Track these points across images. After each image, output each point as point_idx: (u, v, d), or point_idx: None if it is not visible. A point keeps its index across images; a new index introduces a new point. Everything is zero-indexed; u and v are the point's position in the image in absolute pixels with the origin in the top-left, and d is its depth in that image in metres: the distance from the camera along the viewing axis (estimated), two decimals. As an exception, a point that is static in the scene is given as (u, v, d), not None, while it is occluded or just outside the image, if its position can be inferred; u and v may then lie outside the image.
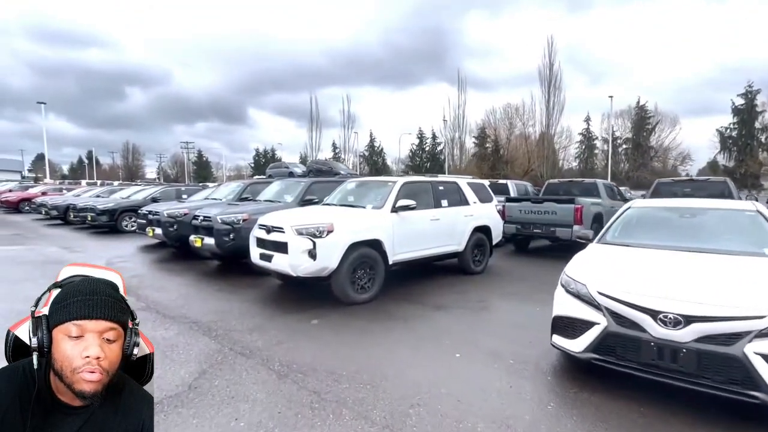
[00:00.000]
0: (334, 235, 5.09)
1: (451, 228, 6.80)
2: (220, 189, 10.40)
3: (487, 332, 4.38)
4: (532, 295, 5.98)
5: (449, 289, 6.27)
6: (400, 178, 6.36)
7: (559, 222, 8.80)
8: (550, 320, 3.56)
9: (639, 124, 34.06)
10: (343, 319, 4.80)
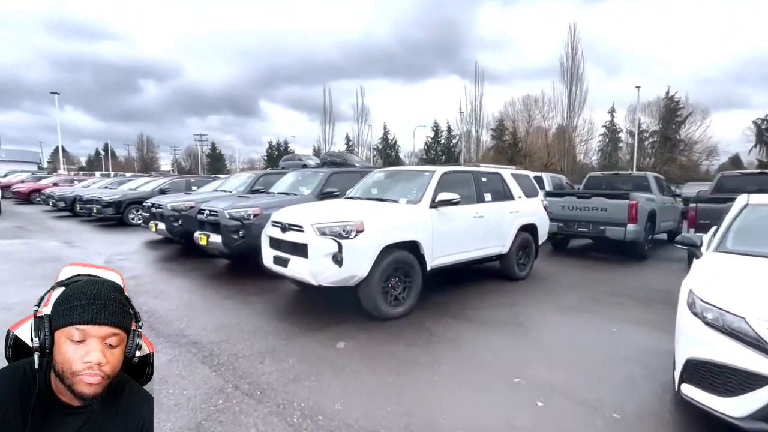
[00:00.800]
0: (364, 236, 4.16)
1: (495, 226, 5.82)
2: (230, 180, 9.56)
3: (565, 364, 3.42)
4: (593, 307, 4.98)
5: (494, 299, 5.31)
6: (438, 167, 5.39)
7: (610, 220, 7.74)
8: (674, 360, 2.60)
9: (668, 117, 32.26)
10: (374, 340, 3.89)
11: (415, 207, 4.81)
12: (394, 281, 4.48)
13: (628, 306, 5.08)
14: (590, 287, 5.93)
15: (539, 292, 5.63)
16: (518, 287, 5.90)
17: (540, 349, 3.75)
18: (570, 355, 3.62)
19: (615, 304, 5.16)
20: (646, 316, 4.71)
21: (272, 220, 4.81)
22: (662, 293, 5.60)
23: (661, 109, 33.12)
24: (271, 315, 4.57)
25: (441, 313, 4.71)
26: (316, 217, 4.33)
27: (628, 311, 4.87)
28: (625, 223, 7.56)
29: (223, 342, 3.78)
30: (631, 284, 6.14)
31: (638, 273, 6.95)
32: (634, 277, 6.64)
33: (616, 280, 6.36)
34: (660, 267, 7.50)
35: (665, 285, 6.07)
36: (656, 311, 4.85)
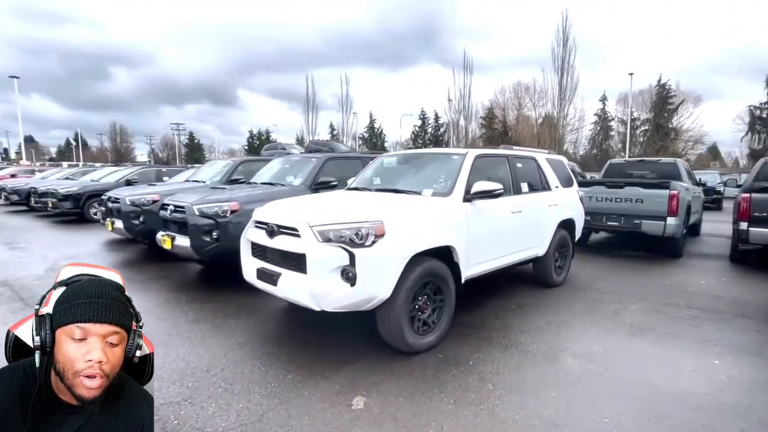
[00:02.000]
0: (385, 242, 2.98)
1: (534, 224, 4.71)
2: (204, 169, 8.20)
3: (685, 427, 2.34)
4: (666, 326, 3.94)
5: (539, 315, 4.22)
6: (468, 149, 4.23)
7: (647, 212, 6.73)
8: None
9: (660, 104, 31.74)
10: (405, 390, 2.74)
11: (445, 201, 3.65)
12: (422, 301, 3.33)
13: (704, 322, 4.05)
14: (644, 296, 4.90)
15: (587, 305, 4.57)
16: (559, 298, 4.83)
17: (651, 407, 2.66)
18: (683, 409, 2.54)
19: (687, 319, 4.14)
20: (735, 336, 3.69)
21: (255, 220, 3.57)
22: (731, 303, 4.62)
23: (652, 97, 32.56)
24: (255, 350, 3.36)
25: (481, 339, 3.59)
26: (316, 216, 3.12)
27: (709, 330, 3.84)
28: (665, 216, 6.58)
29: (185, 402, 2.57)
30: (686, 290, 5.14)
31: (682, 275, 5.98)
32: (681, 280, 5.66)
33: (666, 286, 5.36)
34: (700, 266, 6.56)
35: (726, 291, 5.10)
36: (744, 329, 3.85)
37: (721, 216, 13.92)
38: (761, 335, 3.73)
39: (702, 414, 2.51)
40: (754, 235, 5.86)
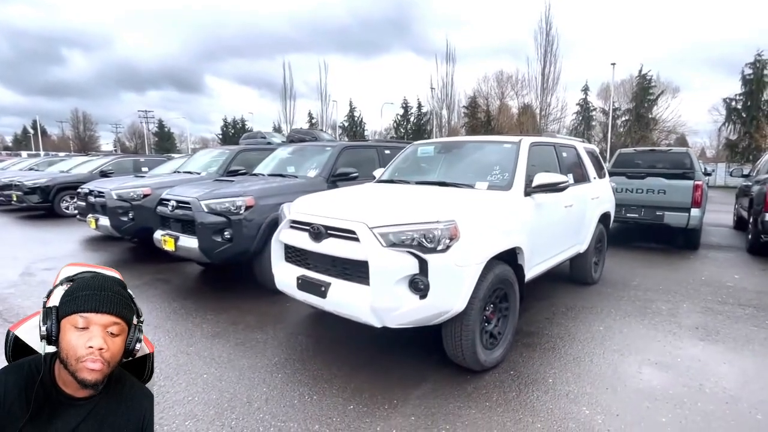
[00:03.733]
0: (460, 246, 2.52)
1: (581, 218, 4.36)
2: (196, 158, 7.47)
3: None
4: (733, 328, 3.66)
5: (595, 319, 3.88)
6: (522, 136, 3.80)
7: (670, 204, 6.53)
8: None
9: (641, 95, 32.21)
10: (494, 422, 2.32)
11: (507, 195, 3.21)
12: (490, 311, 2.91)
13: (764, 320, 3.81)
14: (688, 293, 4.65)
15: (637, 306, 4.26)
16: (604, 297, 4.51)
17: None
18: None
19: (747, 319, 3.89)
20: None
21: (292, 220, 3.03)
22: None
23: (633, 87, 33.02)
24: (297, 373, 2.86)
25: (545, 351, 3.21)
26: (376, 216, 2.62)
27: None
28: (689, 208, 6.38)
29: (233, 452, 2.06)
30: (726, 286, 4.93)
31: (711, 268, 5.80)
32: (714, 274, 5.46)
33: (703, 281, 5.14)
34: (721, 258, 6.41)
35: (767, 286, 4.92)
36: (814, 331, 3.62)
37: (710, 205, 14.11)
38: (832, 336, 3.51)
39: (838, 439, 2.20)
40: None
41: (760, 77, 27.27)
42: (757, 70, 27.45)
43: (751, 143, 27.08)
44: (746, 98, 28.14)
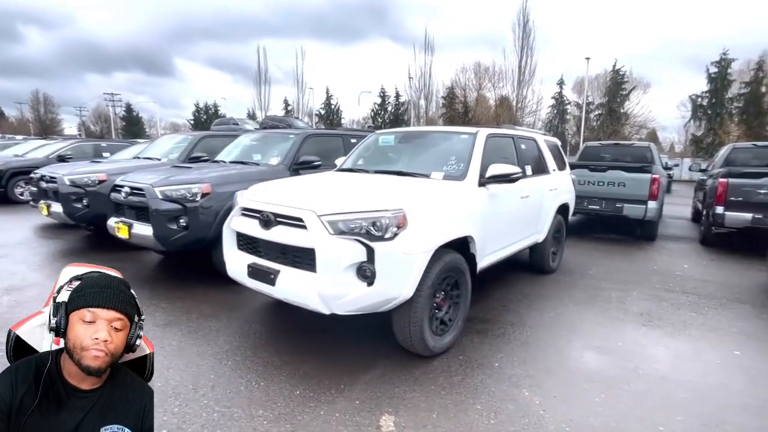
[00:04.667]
0: (408, 234, 2.55)
1: (537, 209, 4.47)
2: (157, 144, 7.24)
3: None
4: (677, 314, 3.86)
5: (547, 306, 4.01)
6: (478, 128, 3.84)
7: (629, 196, 6.76)
8: None
9: (614, 89, 33.04)
10: (436, 405, 2.38)
11: (460, 185, 3.25)
12: (440, 298, 2.96)
13: (707, 309, 4.02)
14: (639, 282, 4.85)
15: (589, 294, 4.42)
16: (560, 286, 4.66)
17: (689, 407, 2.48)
18: (731, 413, 2.38)
19: (689, 306, 4.09)
20: (741, 323, 3.67)
21: (243, 207, 2.99)
22: (722, 287, 4.67)
23: (607, 82, 33.83)
24: (248, 360, 2.84)
25: (496, 337, 3.30)
26: (325, 203, 2.61)
27: (715, 318, 3.80)
28: (646, 200, 6.63)
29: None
30: (675, 275, 5.17)
31: (664, 258, 6.06)
32: (666, 264, 5.71)
33: (655, 271, 5.37)
34: (675, 249, 6.71)
35: (712, 275, 5.18)
36: (746, 316, 3.85)
37: (672, 198, 14.70)
38: (763, 321, 3.74)
39: (754, 416, 2.36)
40: (730, 219, 6.01)
41: (725, 75, 28.41)
42: (722, 68, 28.57)
43: (715, 139, 28.28)
44: (711, 96, 29.28)
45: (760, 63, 28.41)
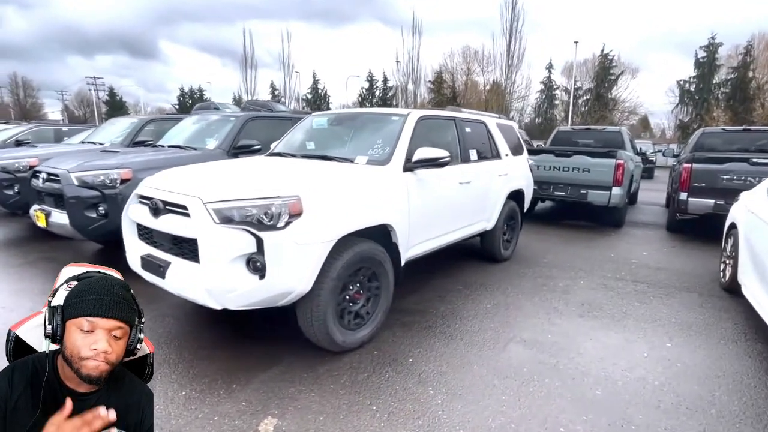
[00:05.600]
0: (302, 223, 2.35)
1: (483, 195, 4.28)
2: (104, 128, 6.92)
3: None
4: (618, 304, 3.72)
5: (487, 296, 3.86)
6: (410, 110, 3.62)
7: (593, 182, 6.61)
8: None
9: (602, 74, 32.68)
10: (329, 406, 2.21)
11: (381, 170, 3.05)
12: (354, 290, 2.78)
13: (651, 298, 3.90)
14: (592, 270, 4.72)
15: (537, 283, 4.28)
16: (508, 275, 4.51)
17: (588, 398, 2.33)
18: (644, 410, 2.25)
19: (635, 295, 3.96)
20: (682, 313, 3.54)
21: (138, 194, 2.77)
22: (674, 275, 4.55)
23: (595, 66, 33.46)
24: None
25: (421, 330, 3.14)
26: (213, 190, 2.40)
27: (657, 307, 3.67)
28: (610, 186, 6.48)
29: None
30: (630, 263, 5.04)
31: (625, 245, 5.94)
32: (625, 251, 5.59)
33: (611, 258, 5.25)
34: (641, 236, 6.60)
35: (668, 262, 5.07)
36: (690, 305, 3.72)
37: (654, 185, 14.64)
38: (705, 311, 3.61)
39: (663, 414, 2.22)
40: (693, 205, 5.89)
41: (713, 60, 28.19)
42: (710, 53, 28.33)
43: (701, 125, 28.17)
44: (699, 81, 29.10)
45: (747, 48, 28.23)
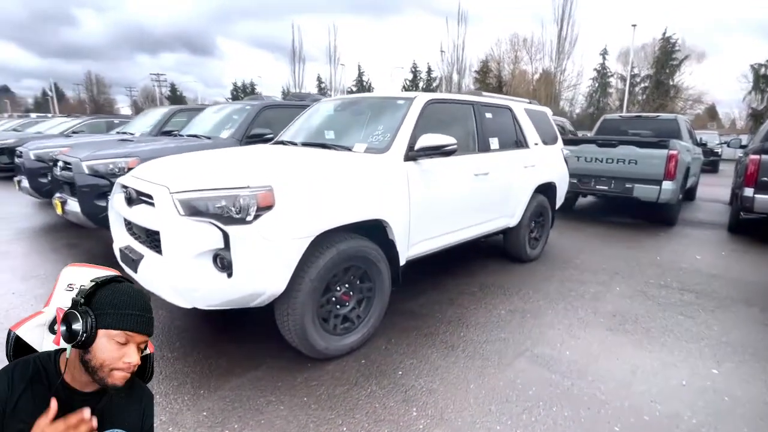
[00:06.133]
0: (273, 217, 2.12)
1: (505, 189, 3.87)
2: (139, 119, 7.13)
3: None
4: (655, 316, 3.21)
5: (504, 300, 3.47)
6: (419, 93, 3.29)
7: (641, 175, 5.91)
8: None
9: (663, 60, 29.90)
10: (294, 424, 1.99)
11: (378, 159, 2.76)
12: (342, 291, 2.53)
13: (700, 311, 3.34)
14: (631, 274, 4.17)
15: (564, 287, 3.82)
16: (533, 277, 4.07)
17: None
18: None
19: (680, 306, 3.42)
20: (736, 331, 2.98)
21: (121, 183, 2.66)
22: (731, 284, 3.91)
23: (655, 51, 30.70)
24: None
25: (421, 337, 2.83)
26: (182, 179, 2.24)
27: (706, 322, 3.12)
28: (661, 180, 5.76)
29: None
30: (680, 267, 4.42)
31: (677, 247, 5.25)
32: (675, 254, 4.93)
33: (657, 262, 4.63)
34: (696, 237, 5.84)
35: (725, 269, 4.38)
36: (747, 321, 3.14)
37: (718, 179, 13.19)
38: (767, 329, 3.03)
39: (699, 463, 1.79)
40: (761, 202, 5.09)
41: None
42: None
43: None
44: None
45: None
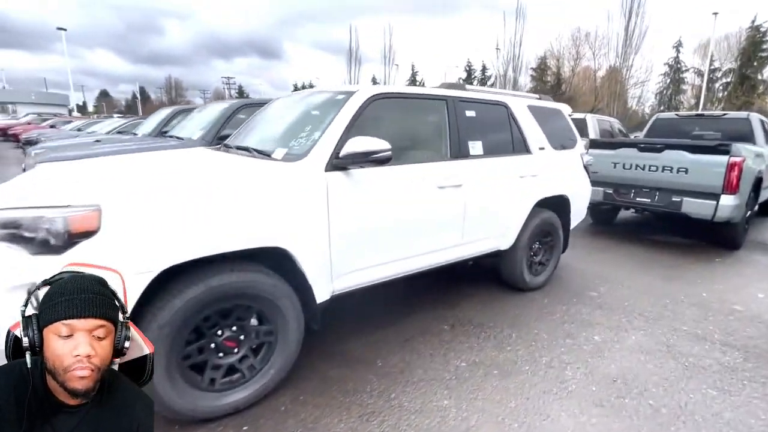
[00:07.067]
0: (98, 244, 1.63)
1: (487, 204, 3.12)
2: (149, 119, 7.15)
3: None
4: (678, 393, 2.34)
5: (473, 347, 2.76)
6: (365, 86, 2.68)
7: (693, 187, 4.79)
8: None
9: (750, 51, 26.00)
10: None
11: (288, 169, 2.19)
12: (225, 336, 2.00)
13: (744, 383, 2.41)
14: (659, 317, 3.24)
15: (562, 331, 3.01)
16: (526, 312, 3.29)
17: None
18: None
19: (716, 373, 2.50)
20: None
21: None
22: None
23: (741, 42, 26.84)
24: None
25: (329, 398, 2.23)
26: (6, 193, 1.82)
27: (752, 403, 2.22)
28: (719, 194, 4.61)
29: None
30: (730, 309, 3.39)
31: (734, 279, 4.14)
32: (728, 289, 3.85)
33: (702, 299, 3.62)
34: (763, 265, 4.62)
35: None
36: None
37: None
38: None
39: None
40: None
41: None
42: None
43: None
44: None
45: None
